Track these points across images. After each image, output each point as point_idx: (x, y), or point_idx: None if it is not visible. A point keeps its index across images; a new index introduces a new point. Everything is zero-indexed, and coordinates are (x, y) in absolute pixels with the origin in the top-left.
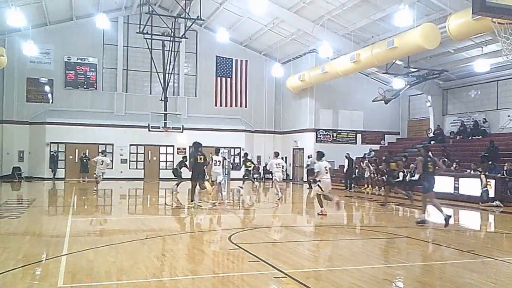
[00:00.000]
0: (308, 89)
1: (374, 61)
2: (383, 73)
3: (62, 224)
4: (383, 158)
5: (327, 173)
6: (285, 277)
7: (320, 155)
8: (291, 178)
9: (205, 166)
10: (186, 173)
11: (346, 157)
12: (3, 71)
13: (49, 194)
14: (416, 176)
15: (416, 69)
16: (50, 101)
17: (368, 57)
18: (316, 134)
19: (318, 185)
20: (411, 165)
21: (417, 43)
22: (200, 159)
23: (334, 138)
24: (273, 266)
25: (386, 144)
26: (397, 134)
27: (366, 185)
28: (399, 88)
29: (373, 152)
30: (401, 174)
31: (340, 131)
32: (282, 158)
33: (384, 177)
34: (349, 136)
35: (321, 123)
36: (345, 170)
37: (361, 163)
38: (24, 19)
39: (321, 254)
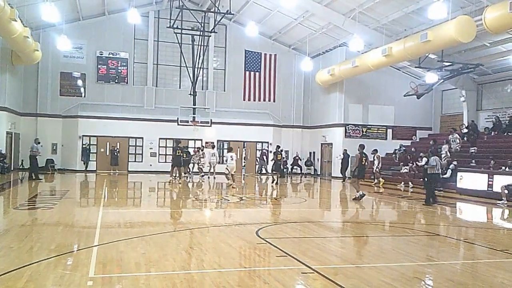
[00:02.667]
0: (337, 83)
1: (406, 54)
2: (415, 67)
3: (93, 216)
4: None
5: (232, 159)
6: (313, 272)
7: (229, 149)
8: (319, 173)
9: (182, 158)
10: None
11: (343, 153)
12: (37, 66)
13: (81, 186)
14: (448, 173)
15: (450, 63)
16: (83, 95)
17: (400, 50)
18: (345, 129)
19: (226, 167)
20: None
21: (451, 37)
22: (178, 153)
23: (364, 133)
24: (300, 262)
25: (418, 140)
26: (429, 129)
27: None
28: (432, 82)
29: (403, 148)
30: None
31: (370, 126)
32: (310, 153)
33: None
34: (379, 131)
35: (350, 118)
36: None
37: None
38: (58, 14)
39: (350, 251)
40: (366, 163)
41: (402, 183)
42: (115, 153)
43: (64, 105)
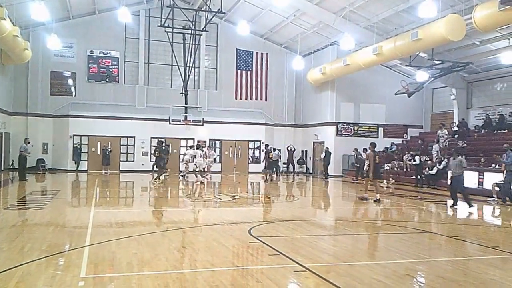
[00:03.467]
0: (329, 82)
1: (397, 53)
2: (406, 65)
3: (85, 216)
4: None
5: (200, 156)
6: (305, 271)
7: (197, 147)
8: (311, 171)
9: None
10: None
11: (325, 151)
12: (27, 65)
13: (72, 186)
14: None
15: (441, 62)
16: (73, 94)
17: (391, 49)
18: (337, 128)
19: (194, 164)
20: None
21: (441, 35)
22: (156, 154)
23: (355, 131)
24: (293, 260)
25: (409, 138)
26: (420, 127)
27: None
28: (423, 80)
29: (395, 146)
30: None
31: (361, 125)
32: (302, 152)
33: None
34: (370, 129)
35: (342, 116)
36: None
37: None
38: (48, 13)
39: (342, 249)
40: (379, 162)
41: (385, 180)
42: (107, 153)
43: (55, 104)
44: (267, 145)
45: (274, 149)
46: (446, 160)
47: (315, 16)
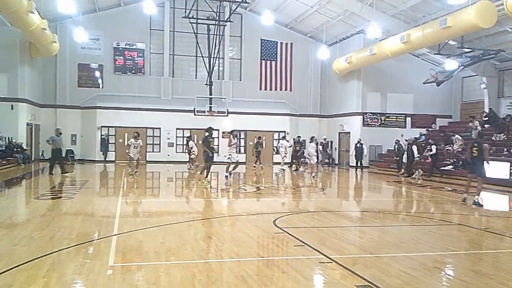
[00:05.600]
0: (355, 71)
1: (425, 41)
2: (435, 53)
3: (112, 205)
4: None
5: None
6: (331, 262)
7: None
8: (336, 162)
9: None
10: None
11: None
12: (55, 58)
13: (100, 176)
14: None
15: (470, 49)
16: (100, 86)
17: (419, 37)
18: (363, 118)
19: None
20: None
21: (472, 22)
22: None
23: (382, 121)
24: (318, 251)
25: (437, 128)
26: (449, 117)
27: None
28: (452, 69)
29: (423, 137)
30: None
31: (388, 115)
32: (328, 142)
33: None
34: (398, 119)
35: (368, 106)
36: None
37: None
38: (75, 6)
39: (368, 240)
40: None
41: (415, 171)
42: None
43: (83, 96)
44: (298, 137)
45: (299, 139)
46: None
47: (340, 5)
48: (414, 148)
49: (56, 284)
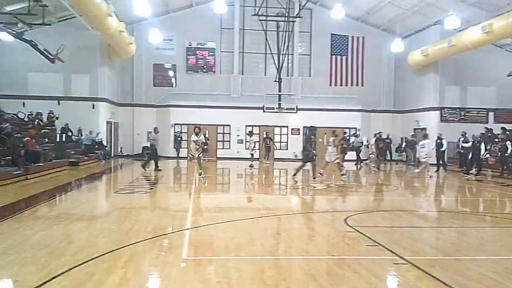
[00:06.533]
0: (431, 64)
1: (510, 31)
2: None
3: (185, 200)
4: None
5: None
6: (406, 263)
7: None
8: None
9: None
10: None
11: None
12: (132, 58)
13: (174, 172)
14: None
15: None
16: (174, 85)
17: (503, 26)
18: (441, 113)
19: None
20: None
21: None
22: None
23: (462, 117)
24: (392, 252)
25: None
26: None
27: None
28: None
29: (488, 130)
30: None
31: (468, 109)
32: (401, 139)
33: None
34: (479, 114)
35: (446, 100)
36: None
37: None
38: (149, 8)
39: (447, 242)
40: None
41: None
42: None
43: (157, 95)
44: (379, 133)
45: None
46: None
47: None
48: (482, 145)
49: (133, 275)
